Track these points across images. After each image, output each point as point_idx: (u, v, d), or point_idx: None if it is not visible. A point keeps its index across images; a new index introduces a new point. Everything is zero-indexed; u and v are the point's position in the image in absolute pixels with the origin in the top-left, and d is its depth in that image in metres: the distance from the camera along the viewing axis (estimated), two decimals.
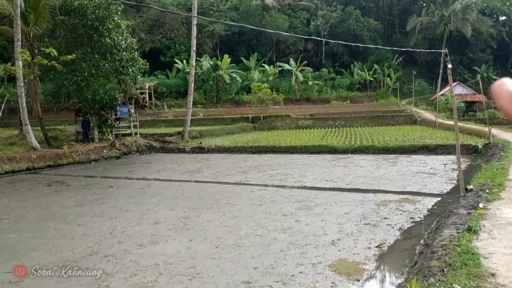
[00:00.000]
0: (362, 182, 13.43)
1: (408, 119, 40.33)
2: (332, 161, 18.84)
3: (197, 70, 51.40)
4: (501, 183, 9.79)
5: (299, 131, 35.16)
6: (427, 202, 10.50)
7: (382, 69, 58.76)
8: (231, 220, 9.41)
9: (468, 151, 19.94)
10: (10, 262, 6.94)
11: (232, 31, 59.63)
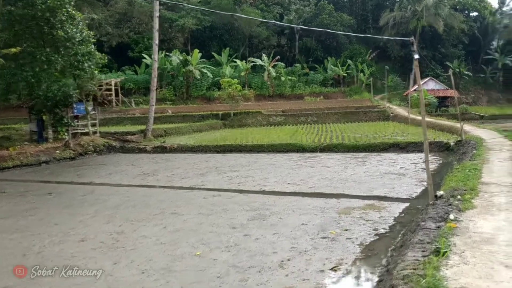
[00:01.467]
0: (326, 185, 12.36)
1: (381, 115, 39.71)
2: (299, 160, 17.76)
3: (166, 66, 49.91)
4: (474, 187, 8.82)
5: (270, 128, 34.09)
6: (394, 209, 9.47)
7: (356, 65, 58.28)
8: (171, 235, 8.17)
9: (440, 148, 19.19)
10: None
11: (203, 26, 58.14)
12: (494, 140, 17.46)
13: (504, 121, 42.57)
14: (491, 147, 15.32)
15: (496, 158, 12.77)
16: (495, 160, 12.42)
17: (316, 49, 62.31)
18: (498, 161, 12.35)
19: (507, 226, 6.23)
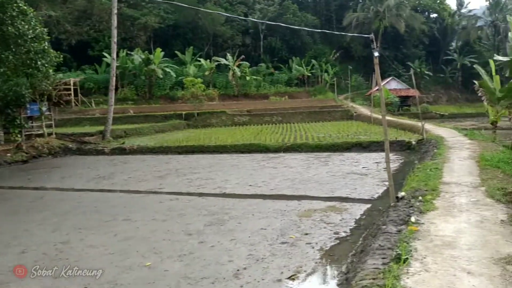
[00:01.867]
0: (288, 187, 12.05)
1: (345, 114, 39.98)
2: (262, 161, 17.42)
3: (128, 65, 48.58)
4: (435, 187, 8.70)
5: (235, 128, 33.66)
6: (355, 210, 9.24)
7: (320, 65, 58.56)
8: (121, 244, 7.63)
9: (402, 147, 19.29)
10: None
11: (166, 24, 56.97)
12: (454, 139, 17.67)
13: (463, 119, 43.84)
14: (452, 146, 15.45)
15: (456, 157, 12.82)
16: (455, 159, 12.45)
17: (280, 49, 62.21)
18: (458, 159, 12.39)
19: (468, 228, 6.05)
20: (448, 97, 65.25)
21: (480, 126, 31.14)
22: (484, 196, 7.90)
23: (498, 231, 5.93)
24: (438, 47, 71.16)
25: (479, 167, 10.93)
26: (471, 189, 8.50)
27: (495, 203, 7.39)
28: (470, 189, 8.53)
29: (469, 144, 15.78)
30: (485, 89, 18.07)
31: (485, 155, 12.24)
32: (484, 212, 6.82)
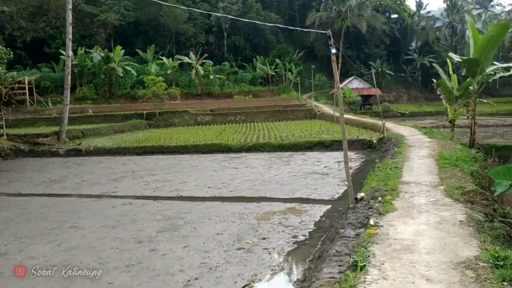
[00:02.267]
0: (248, 188, 11.71)
1: (308, 113, 40.08)
2: (223, 161, 17.02)
3: (86, 63, 47.03)
4: (395, 187, 8.56)
5: (197, 128, 33.07)
6: (315, 212, 8.99)
7: (284, 64, 58.66)
8: (64, 254, 7.06)
9: (363, 146, 19.34)
10: None
11: (127, 21, 55.48)
12: (414, 137, 17.83)
13: (423, 118, 44.80)
14: (412, 144, 15.53)
15: (416, 156, 12.83)
16: (415, 158, 12.45)
17: (244, 48, 61.89)
18: (418, 158, 12.39)
19: (427, 231, 5.87)
20: (408, 96, 66.79)
21: (439, 124, 31.83)
22: (443, 196, 7.80)
23: (457, 232, 5.78)
24: (398, 47, 72.76)
25: (438, 166, 10.93)
26: (430, 189, 8.40)
27: (453, 203, 7.28)
28: (429, 188, 8.44)
29: (429, 142, 15.91)
30: (443, 88, 18.34)
31: (444, 153, 12.29)
32: (443, 213, 6.68)
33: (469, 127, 16.88)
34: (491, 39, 13.17)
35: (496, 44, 13.54)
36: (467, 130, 27.44)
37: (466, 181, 9.36)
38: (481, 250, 5.08)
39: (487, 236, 5.66)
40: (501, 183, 6.44)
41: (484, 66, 13.60)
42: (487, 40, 13.27)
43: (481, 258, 4.80)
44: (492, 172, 6.79)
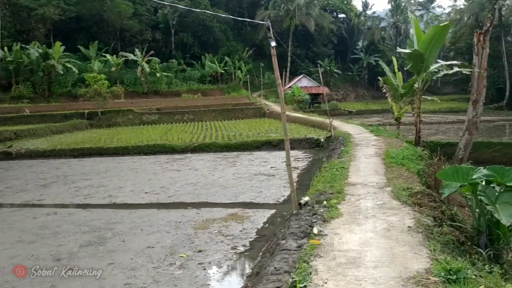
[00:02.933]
0: (189, 192, 10.92)
1: (257, 112, 39.63)
2: (166, 163, 16.11)
3: (23, 59, 44.19)
4: (341, 189, 8.10)
5: (142, 128, 31.72)
6: (258, 218, 8.38)
7: (233, 62, 58.01)
8: None
9: (311, 145, 19.03)
10: None
11: (67, 16, 52.70)
12: (361, 135, 17.69)
13: (370, 115, 45.65)
14: (358, 143, 15.31)
15: (362, 155, 12.54)
16: (361, 157, 12.15)
17: (193, 45, 60.60)
18: (364, 157, 12.09)
19: (374, 240, 5.38)
20: (356, 94, 68.10)
21: (385, 122, 32.37)
22: (390, 198, 7.40)
23: (406, 240, 5.32)
24: (346, 46, 74.10)
25: (385, 165, 10.64)
26: (377, 190, 8.00)
27: (401, 206, 6.89)
28: (376, 190, 8.04)
29: (375, 140, 15.77)
30: (389, 86, 18.32)
31: (390, 152, 12.07)
32: (390, 218, 6.24)
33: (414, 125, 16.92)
34: (434, 36, 13.12)
35: (439, 42, 13.53)
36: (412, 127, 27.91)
37: (413, 181, 9.08)
38: (431, 262, 4.63)
39: (437, 244, 5.24)
40: (449, 184, 6.08)
41: (429, 63, 13.55)
42: (431, 37, 13.21)
43: (432, 272, 4.34)
44: (440, 174, 6.43)
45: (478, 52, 13.37)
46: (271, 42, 6.31)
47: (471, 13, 55.12)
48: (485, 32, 13.34)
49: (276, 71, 6.40)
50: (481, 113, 13.88)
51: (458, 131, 27.36)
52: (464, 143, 13.93)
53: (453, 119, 35.63)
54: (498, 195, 5.85)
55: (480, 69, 13.26)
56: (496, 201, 5.77)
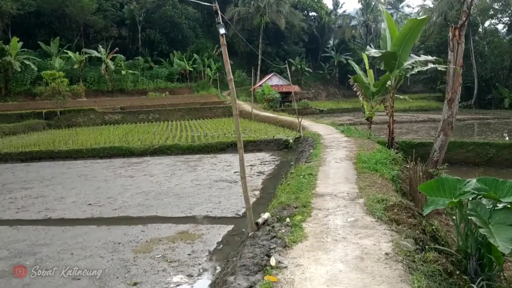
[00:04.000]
0: (138, 204, 9.65)
1: (226, 111, 38.43)
2: (120, 168, 14.73)
3: None
4: (307, 202, 7.02)
5: (103, 128, 30.02)
6: (212, 236, 7.22)
7: (202, 59, 56.51)
8: None
9: (279, 146, 17.98)
10: None
11: (27, 11, 50.00)
12: (331, 136, 16.76)
13: (341, 114, 45.11)
14: (328, 144, 14.34)
15: (332, 158, 11.54)
16: (331, 161, 11.14)
17: (160, 42, 58.64)
18: (335, 161, 11.09)
19: (345, 274, 4.29)
20: (327, 93, 67.67)
21: (356, 121, 31.72)
22: (363, 213, 6.37)
23: (383, 274, 4.26)
24: (317, 45, 73.59)
25: (357, 171, 9.66)
26: (348, 203, 6.97)
27: (376, 224, 5.86)
28: (347, 202, 7.00)
29: (346, 142, 14.85)
30: (360, 84, 17.47)
31: (362, 155, 11.11)
32: (364, 241, 5.19)
33: (387, 125, 16.09)
34: (409, 32, 12.26)
35: (414, 37, 12.69)
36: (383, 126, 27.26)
37: (388, 189, 8.12)
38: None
39: (421, 278, 4.21)
40: (435, 201, 5.08)
41: (402, 60, 12.69)
42: (405, 33, 12.35)
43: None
44: (423, 187, 5.42)
45: (454, 48, 12.59)
46: (219, 28, 5.16)
47: (440, 12, 55.36)
48: (461, 26, 12.56)
49: (226, 63, 5.25)
50: (456, 113, 13.12)
51: (430, 130, 26.92)
52: (439, 144, 13.14)
53: (424, 118, 35.36)
54: (491, 214, 4.87)
55: (455, 66, 12.48)
56: (489, 220, 4.80)
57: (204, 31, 66.14)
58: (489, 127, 28.96)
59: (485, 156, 18.32)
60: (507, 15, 56.05)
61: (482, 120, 32.22)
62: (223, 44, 5.24)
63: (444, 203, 4.95)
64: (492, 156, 18.15)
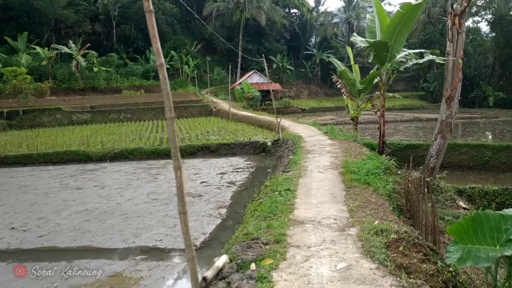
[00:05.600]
0: (73, 228, 7.70)
1: (204, 110, 36.50)
2: (70, 177, 12.70)
3: None
4: (282, 235, 5.21)
5: (68, 128, 27.77)
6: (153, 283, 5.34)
7: (180, 56, 54.35)
8: None
9: (255, 150, 16.16)
10: None
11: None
12: (314, 138, 15.00)
13: (323, 113, 43.57)
14: (310, 149, 12.56)
15: (315, 167, 9.75)
16: (314, 170, 9.35)
17: (136, 38, 56.12)
18: (318, 171, 9.31)
19: None
20: (309, 92, 66.16)
21: (340, 120, 30.13)
22: (357, 254, 4.58)
23: None
24: (298, 42, 72.01)
25: (345, 184, 7.90)
26: (336, 235, 5.17)
27: (377, 274, 4.08)
28: (335, 234, 5.21)
29: (330, 145, 13.09)
30: (345, 81, 15.76)
31: (350, 163, 9.36)
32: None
33: (371, 123, 14.44)
34: (402, 19, 10.55)
35: (408, 26, 11.00)
36: (368, 126, 25.73)
37: (385, 211, 6.37)
38: None
39: None
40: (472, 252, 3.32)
41: (395, 51, 10.99)
42: (398, 20, 10.64)
43: None
44: (452, 230, 3.59)
45: (453, 38, 10.93)
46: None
47: (423, 9, 54.29)
48: (461, 13, 10.93)
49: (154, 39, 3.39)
50: (456, 112, 11.49)
51: (417, 130, 25.47)
52: (436, 149, 11.49)
53: (409, 117, 34.02)
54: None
55: (456, 58, 10.84)
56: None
57: (182, 27, 63.82)
58: (479, 126, 27.66)
59: (480, 160, 16.86)
60: (490, 13, 55.28)
61: (469, 120, 30.93)
62: (149, 11, 3.37)
63: (488, 257, 3.18)
64: (488, 159, 16.70)
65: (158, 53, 3.64)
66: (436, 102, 53.43)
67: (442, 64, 11.40)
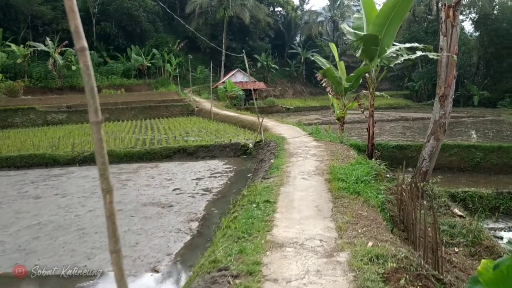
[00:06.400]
0: (18, 247, 6.63)
1: (185, 109, 35.39)
2: (31, 184, 11.55)
3: None
4: (256, 263, 4.24)
5: (42, 129, 26.41)
6: None
7: (162, 54, 53.01)
8: None
9: (236, 152, 15.16)
10: None
11: None
12: (298, 140, 14.09)
13: (308, 113, 42.75)
14: (294, 151, 11.63)
15: (299, 172, 8.82)
16: (297, 177, 8.42)
17: (117, 36, 54.59)
18: (301, 177, 8.37)
19: None
20: (294, 91, 65.38)
21: (325, 120, 29.30)
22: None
23: None
24: (283, 41, 71.18)
25: (331, 194, 6.98)
26: (322, 263, 4.23)
27: None
28: (321, 262, 4.26)
29: (315, 147, 12.18)
30: (330, 78, 14.85)
31: (337, 170, 8.43)
32: None
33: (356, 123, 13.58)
34: (393, 9, 9.67)
35: (399, 18, 10.12)
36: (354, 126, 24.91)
37: (379, 228, 5.48)
38: None
39: None
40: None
41: (385, 46, 10.12)
42: (388, 11, 9.75)
43: None
44: (488, 279, 2.62)
45: (447, 32, 10.09)
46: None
47: None
48: (456, 4, 10.09)
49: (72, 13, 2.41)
50: (450, 112, 10.68)
51: (404, 130, 24.77)
52: (429, 152, 10.65)
53: (395, 116, 33.41)
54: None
55: (450, 53, 10.01)
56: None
57: (164, 25, 62.43)
58: (466, 126, 27.10)
59: (471, 161, 16.12)
60: (475, 11, 55.13)
61: (456, 119, 30.39)
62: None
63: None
64: (479, 160, 15.97)
65: (77, 32, 2.60)
66: (421, 101, 53.12)
67: (427, 62, 10.66)
